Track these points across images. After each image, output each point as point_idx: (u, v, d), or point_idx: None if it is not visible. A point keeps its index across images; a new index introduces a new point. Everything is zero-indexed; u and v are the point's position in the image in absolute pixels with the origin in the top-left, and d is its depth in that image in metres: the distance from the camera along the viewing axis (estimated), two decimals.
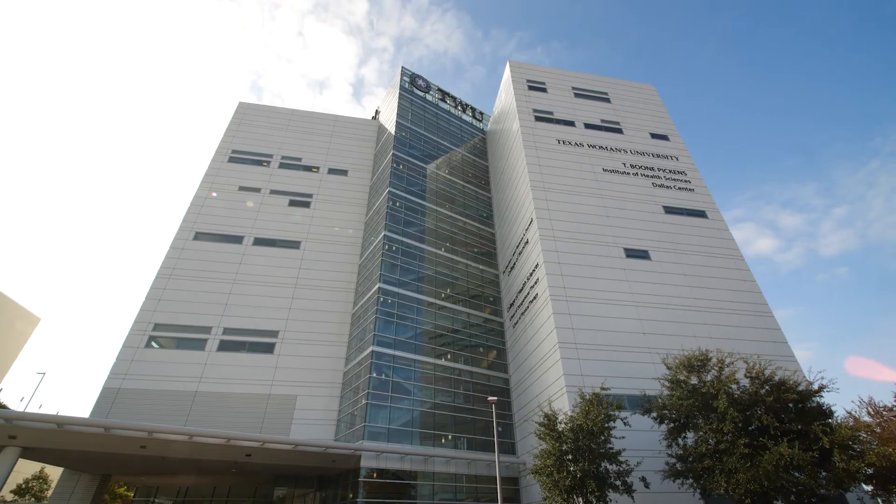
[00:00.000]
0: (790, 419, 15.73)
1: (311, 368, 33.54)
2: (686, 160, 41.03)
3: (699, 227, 35.65)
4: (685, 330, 28.96)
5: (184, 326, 33.63)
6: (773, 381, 16.39)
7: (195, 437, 20.68)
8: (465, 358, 34.32)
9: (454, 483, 27.54)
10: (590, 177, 37.05)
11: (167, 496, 35.12)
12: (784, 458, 14.05)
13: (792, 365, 28.97)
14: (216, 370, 32.08)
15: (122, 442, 20.22)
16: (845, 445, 13.67)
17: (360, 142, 50.23)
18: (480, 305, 38.17)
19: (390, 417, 28.44)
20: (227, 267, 37.24)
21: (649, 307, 29.65)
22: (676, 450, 18.21)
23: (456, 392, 32.01)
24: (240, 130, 47.29)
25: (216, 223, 39.70)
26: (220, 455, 23.44)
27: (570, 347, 26.53)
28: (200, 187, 41.94)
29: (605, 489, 14.59)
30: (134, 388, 30.14)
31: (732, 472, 15.13)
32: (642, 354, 27.24)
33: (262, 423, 30.26)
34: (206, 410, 30.11)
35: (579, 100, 44.34)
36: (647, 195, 36.89)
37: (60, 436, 19.26)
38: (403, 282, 34.66)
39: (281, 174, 44.78)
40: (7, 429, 18.21)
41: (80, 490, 26.93)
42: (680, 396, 17.70)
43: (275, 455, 24.24)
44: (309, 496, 33.63)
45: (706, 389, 16.87)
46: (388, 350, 30.48)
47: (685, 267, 32.64)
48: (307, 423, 30.81)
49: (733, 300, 31.52)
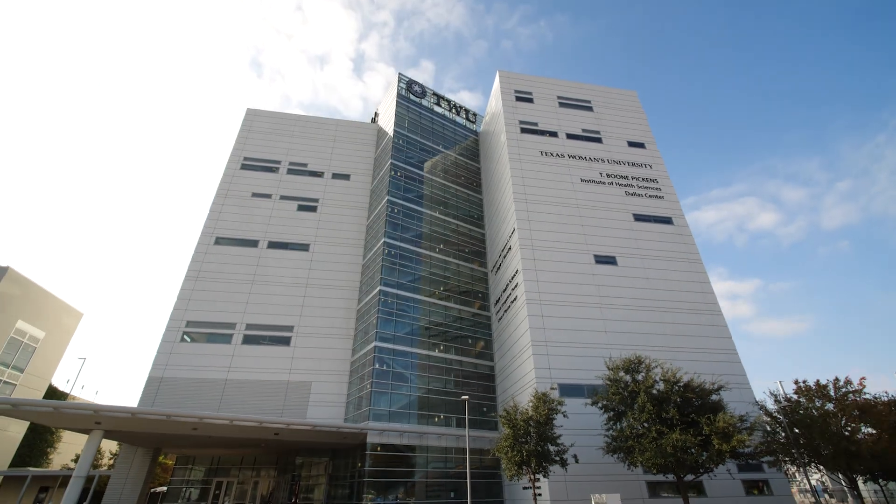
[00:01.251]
0: (691, 412, 20.73)
1: (322, 358, 38.88)
2: (659, 167, 44.82)
3: (665, 234, 39.93)
4: (643, 328, 33.84)
5: (212, 323, 38.83)
6: (681, 383, 21.30)
7: (235, 421, 26.07)
8: (455, 349, 39.54)
9: (444, 455, 33.26)
10: (568, 187, 41.09)
11: (202, 464, 41.32)
12: (678, 442, 19.12)
13: (733, 358, 34.06)
14: (242, 360, 37.48)
15: (178, 426, 25.64)
16: (720, 432, 18.60)
17: (360, 146, 53.95)
18: (470, 301, 43.09)
19: (391, 401, 33.87)
20: (245, 269, 42.08)
21: (612, 308, 34.45)
22: (612, 432, 23.38)
23: (447, 378, 37.39)
24: (249, 138, 51.07)
25: (234, 228, 44.26)
26: (254, 434, 29.00)
27: (541, 345, 31.53)
28: (217, 194, 46.25)
29: (544, 463, 19.81)
30: (173, 377, 35.61)
31: (644, 450, 20.27)
32: (603, 350, 32.08)
33: (283, 406, 35.87)
34: (236, 395, 35.66)
35: (563, 109, 47.68)
36: (619, 204, 41.00)
37: (132, 422, 24.68)
38: (401, 283, 39.48)
39: (289, 180, 48.92)
40: (94, 417, 23.64)
41: (137, 460, 32.91)
42: (615, 392, 22.73)
43: (297, 433, 29.77)
44: (324, 464, 39.71)
45: (632, 388, 21.86)
46: (389, 345, 35.65)
47: (648, 271, 37.20)
48: (321, 405, 36.42)
49: (688, 300, 36.22)
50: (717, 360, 33.22)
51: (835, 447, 21.41)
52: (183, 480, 39.91)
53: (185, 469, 40.59)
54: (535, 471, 19.50)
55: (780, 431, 24.22)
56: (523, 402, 26.49)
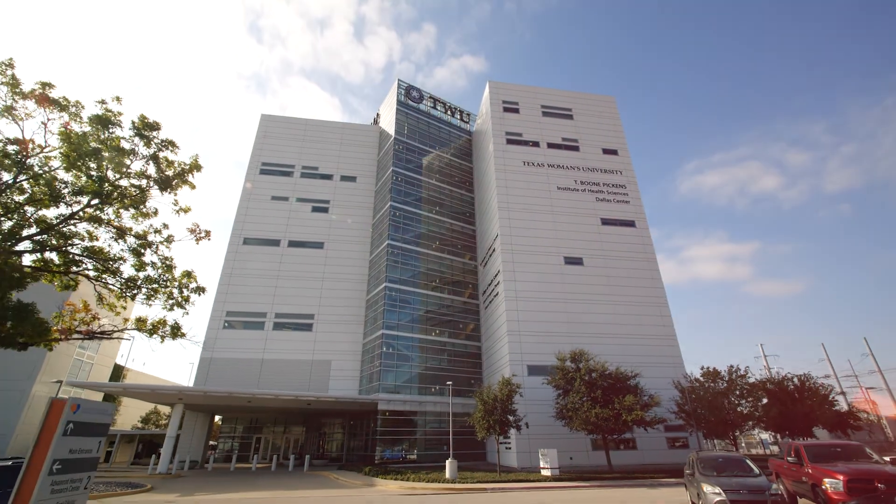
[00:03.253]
0: (613, 392, 28.66)
1: (339, 341, 47.13)
2: (628, 173, 50.88)
3: (627, 235, 46.70)
4: (601, 319, 41.48)
5: (246, 313, 46.82)
6: (607, 371, 29.13)
7: (279, 395, 34.50)
8: (448, 332, 47.57)
9: (438, 418, 42.05)
10: (546, 195, 47.50)
11: (242, 423, 50.75)
12: (600, 414, 27.14)
13: (673, 342, 41.86)
14: (273, 343, 45.77)
15: (236, 399, 34.09)
16: (626, 409, 26.50)
17: (364, 148, 59.79)
18: (461, 291, 50.72)
19: (396, 377, 42.29)
20: (270, 266, 49.56)
21: (576, 303, 41.96)
22: (560, 405, 31.52)
23: (441, 357, 45.68)
24: (265, 144, 56.99)
25: (258, 230, 51.32)
26: (292, 404, 37.61)
27: (515, 334, 39.36)
28: (241, 198, 52.97)
29: (506, 428, 28.08)
30: (220, 358, 44.02)
31: (577, 419, 28.39)
32: (566, 338, 39.89)
33: (309, 380, 44.48)
34: (270, 373, 44.19)
35: (546, 118, 53.05)
36: (589, 209, 47.54)
37: (203, 397, 33.12)
38: (403, 279, 46.96)
39: (303, 183, 55.36)
40: (178, 395, 32.16)
41: (199, 423, 42.01)
42: (561, 377, 30.67)
43: (324, 403, 38.38)
44: (342, 424, 49.04)
45: (572, 375, 29.76)
46: (394, 332, 43.65)
47: (609, 269, 44.38)
48: (340, 379, 45.03)
49: (642, 294, 43.60)
50: (660, 343, 41.16)
51: (716, 417, 29.50)
52: (229, 436, 49.55)
53: (230, 427, 50.14)
54: (498, 433, 27.75)
55: (686, 404, 32.34)
56: (496, 381, 34.64)
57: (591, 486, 22.80)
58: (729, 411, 29.67)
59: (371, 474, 28.12)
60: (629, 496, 18.81)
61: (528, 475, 26.74)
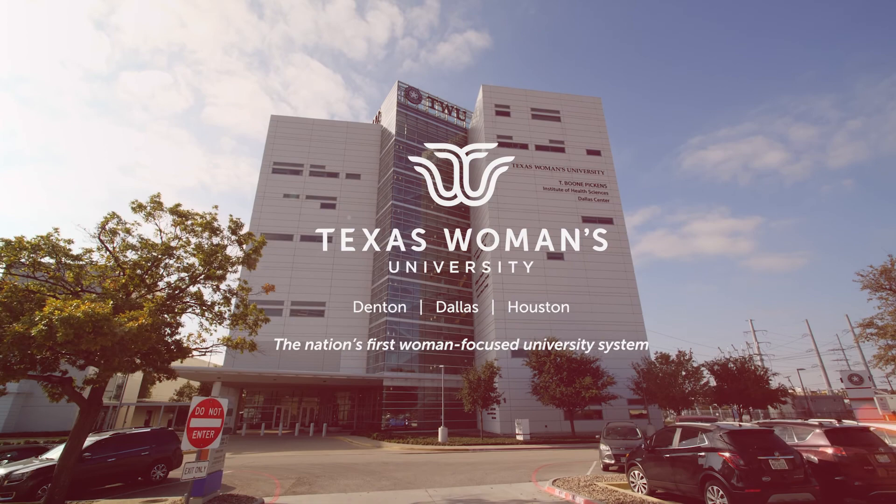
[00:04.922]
0: (576, 373, 34.68)
1: (348, 325, 53.36)
2: (609, 173, 55.47)
3: (605, 232, 51.78)
4: (578, 308, 47.22)
5: (266, 300, 52.68)
6: (572, 356, 35.12)
7: (300, 374, 40.96)
8: (444, 317, 53.64)
9: (436, 392, 48.67)
10: (533, 196, 52.39)
11: (263, 394, 57.80)
12: (565, 391, 33.27)
13: (640, 329, 47.73)
14: (290, 328, 52.03)
15: (265, 377, 40.57)
16: (584, 388, 32.51)
17: (367, 146, 64.29)
18: (456, 280, 56.45)
19: (399, 357, 48.65)
20: (285, 258, 55.27)
21: (557, 294, 47.60)
22: (534, 383, 37.70)
23: (438, 340, 51.92)
24: (276, 144, 61.61)
25: (273, 225, 56.74)
26: (310, 382, 44.18)
27: (501, 321, 45.28)
28: (256, 196, 58.17)
29: (488, 402, 34.38)
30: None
31: (546, 395, 34.58)
32: (546, 324, 45.80)
33: (323, 361, 50.98)
34: (288, 354, 50.62)
35: (535, 121, 57.19)
36: (572, 208, 52.50)
37: (238, 376, 39.60)
38: (403, 271, 52.61)
39: (312, 181, 60.32)
40: (217, 374, 38.75)
41: (231, 397, 48.88)
42: (536, 360, 36.73)
43: (337, 380, 44.98)
44: (352, 396, 56.01)
45: (544, 358, 35.80)
46: (396, 318, 49.72)
47: (588, 264, 49.80)
48: (349, 359, 51.51)
49: (616, 286, 49.18)
50: (629, 329, 47.06)
51: (664, 394, 35.64)
52: (252, 407, 56.73)
53: (252, 399, 57.27)
54: (482, 406, 34.16)
55: (643, 383, 38.47)
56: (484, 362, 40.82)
57: (551, 448, 29.11)
58: (675, 389, 35.70)
59: (378, 439, 34.74)
60: (571, 454, 25.00)
61: (505, 440, 33.16)
